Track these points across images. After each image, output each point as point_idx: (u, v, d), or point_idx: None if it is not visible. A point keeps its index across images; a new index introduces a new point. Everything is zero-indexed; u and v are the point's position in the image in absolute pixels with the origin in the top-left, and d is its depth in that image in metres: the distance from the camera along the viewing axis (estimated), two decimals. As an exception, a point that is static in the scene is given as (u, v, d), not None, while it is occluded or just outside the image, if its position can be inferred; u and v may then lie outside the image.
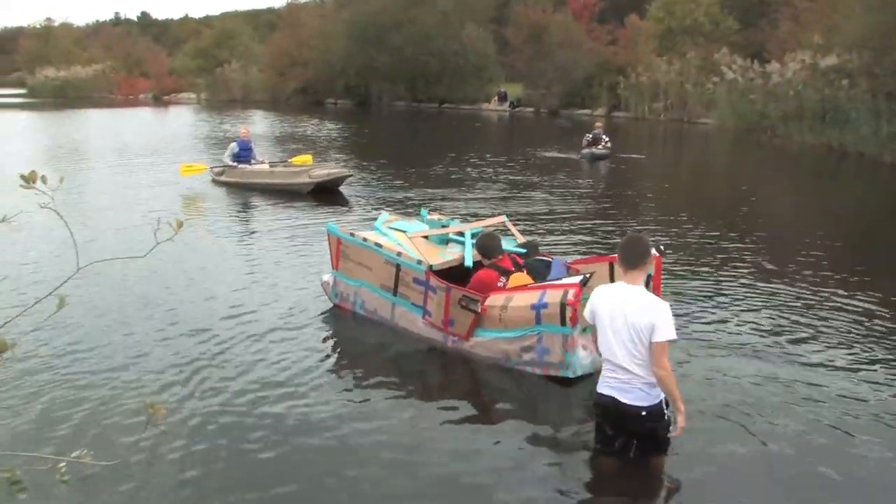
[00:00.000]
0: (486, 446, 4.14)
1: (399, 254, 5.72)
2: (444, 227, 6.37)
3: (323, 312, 6.29)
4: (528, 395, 4.80)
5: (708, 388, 4.74)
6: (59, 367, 5.11)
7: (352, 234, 6.16)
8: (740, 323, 6.02)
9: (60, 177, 2.15)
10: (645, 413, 3.51)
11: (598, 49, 32.76)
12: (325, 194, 12.04)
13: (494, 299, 5.13)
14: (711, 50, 28.48)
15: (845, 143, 18.40)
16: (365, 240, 6.00)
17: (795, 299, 6.65)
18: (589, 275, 5.11)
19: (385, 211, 7.73)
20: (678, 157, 21.58)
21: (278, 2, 60.52)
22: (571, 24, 33.63)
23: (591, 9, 35.76)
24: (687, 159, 21.01)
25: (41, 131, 26.50)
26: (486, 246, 5.55)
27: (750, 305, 6.47)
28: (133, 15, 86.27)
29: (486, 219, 7.50)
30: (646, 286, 3.74)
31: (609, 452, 3.76)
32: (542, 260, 5.66)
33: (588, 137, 17.05)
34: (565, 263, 5.60)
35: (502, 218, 6.77)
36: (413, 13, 37.07)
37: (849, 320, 6.08)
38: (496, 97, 36.37)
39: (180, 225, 2.18)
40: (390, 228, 6.22)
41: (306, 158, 14.35)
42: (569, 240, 9.09)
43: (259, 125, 27.18)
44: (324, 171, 12.64)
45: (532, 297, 4.95)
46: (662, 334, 3.39)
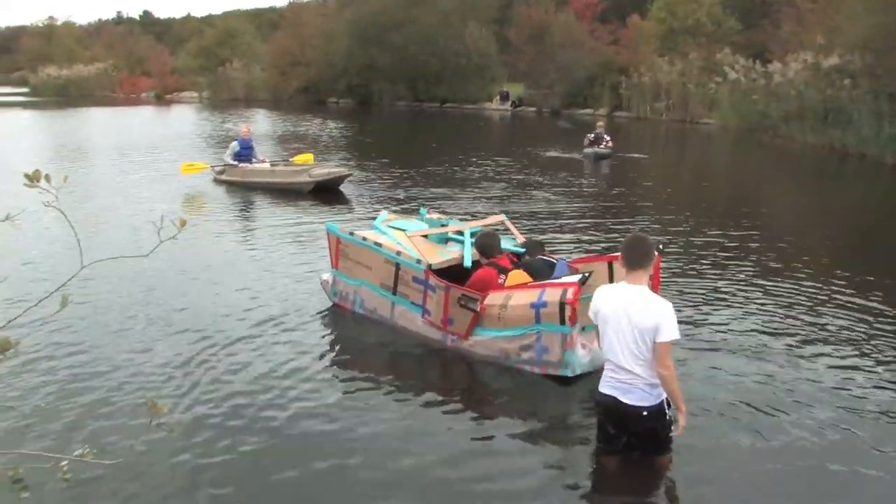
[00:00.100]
0: (485, 445, 4.16)
1: (398, 253, 5.73)
2: (443, 226, 6.39)
3: (322, 311, 6.31)
4: (527, 393, 4.81)
5: (710, 386, 4.76)
6: (62, 366, 5.14)
7: (351, 233, 6.17)
8: (742, 322, 6.04)
9: (64, 175, 2.15)
10: (646, 413, 3.54)
11: (600, 49, 32.78)
12: (326, 193, 12.06)
13: (493, 298, 5.15)
14: (714, 50, 28.50)
15: (847, 143, 18.38)
16: (364, 239, 6.01)
17: (797, 299, 6.66)
18: (588, 274, 5.13)
19: (384, 210, 7.74)
20: (680, 157, 21.58)
21: (280, 1, 60.59)
22: (573, 24, 33.62)
23: (594, 9, 35.77)
24: (689, 159, 21.00)
25: (44, 130, 26.53)
26: (485, 245, 5.57)
27: (751, 305, 6.49)
28: (135, 14, 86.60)
29: (485, 218, 7.51)
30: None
31: (611, 451, 3.79)
32: (546, 260, 5.62)
33: (590, 137, 17.04)
34: (569, 264, 5.58)
35: (501, 217, 6.78)
36: (415, 13, 37.07)
37: (850, 320, 6.10)
38: (498, 97, 36.39)
39: (183, 224, 2.18)
40: (390, 227, 6.23)
41: (307, 157, 14.35)
42: (571, 239, 9.10)
43: (261, 124, 27.19)
44: (324, 170, 12.66)
45: (531, 296, 4.96)
46: (667, 334, 3.40)
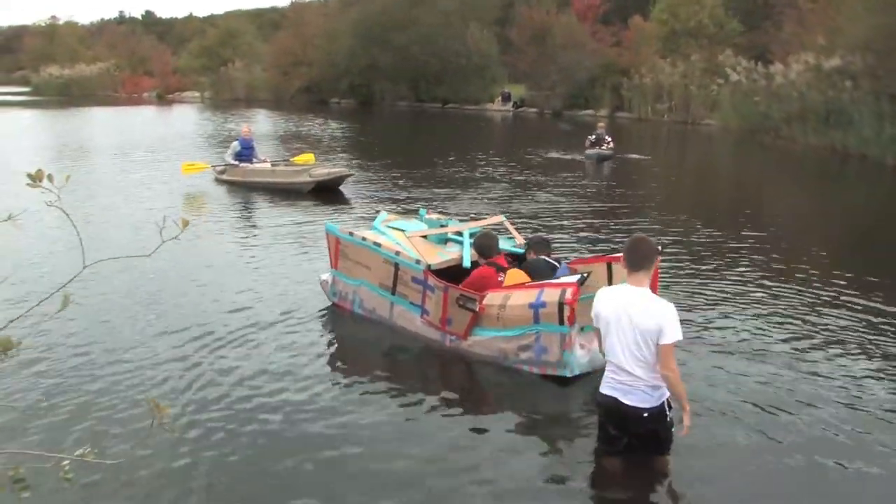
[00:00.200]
0: (484, 445, 4.16)
1: (398, 253, 5.74)
2: (442, 226, 6.39)
3: (321, 311, 6.32)
4: (526, 394, 4.82)
5: (711, 387, 4.77)
6: (63, 366, 5.15)
7: (350, 234, 6.18)
8: (743, 322, 6.04)
9: (67, 175, 2.15)
10: (647, 414, 3.54)
11: (601, 50, 32.79)
12: (326, 193, 12.07)
13: (492, 298, 5.16)
14: (715, 52, 28.50)
15: (848, 144, 18.38)
16: (364, 239, 6.02)
17: (798, 299, 6.68)
18: (587, 274, 5.14)
19: (384, 210, 7.75)
20: (682, 158, 21.58)
21: (282, 1, 60.63)
22: (575, 26, 33.62)
23: (595, 10, 35.77)
24: (690, 160, 21.00)
25: (46, 129, 26.57)
26: (484, 245, 5.59)
27: (753, 306, 6.49)
28: (137, 13, 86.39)
29: (485, 218, 7.53)
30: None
31: (612, 452, 3.80)
32: (547, 261, 5.61)
33: (591, 138, 17.04)
34: (568, 266, 5.58)
35: (500, 217, 6.79)
36: (416, 13, 37.10)
37: (852, 320, 6.11)
38: (500, 98, 36.41)
39: (186, 224, 2.17)
40: (389, 228, 6.23)
41: (308, 157, 14.37)
42: (572, 240, 9.12)
43: (263, 124, 27.22)
44: (324, 170, 12.68)
45: (530, 296, 4.97)
46: (670, 336, 3.40)
